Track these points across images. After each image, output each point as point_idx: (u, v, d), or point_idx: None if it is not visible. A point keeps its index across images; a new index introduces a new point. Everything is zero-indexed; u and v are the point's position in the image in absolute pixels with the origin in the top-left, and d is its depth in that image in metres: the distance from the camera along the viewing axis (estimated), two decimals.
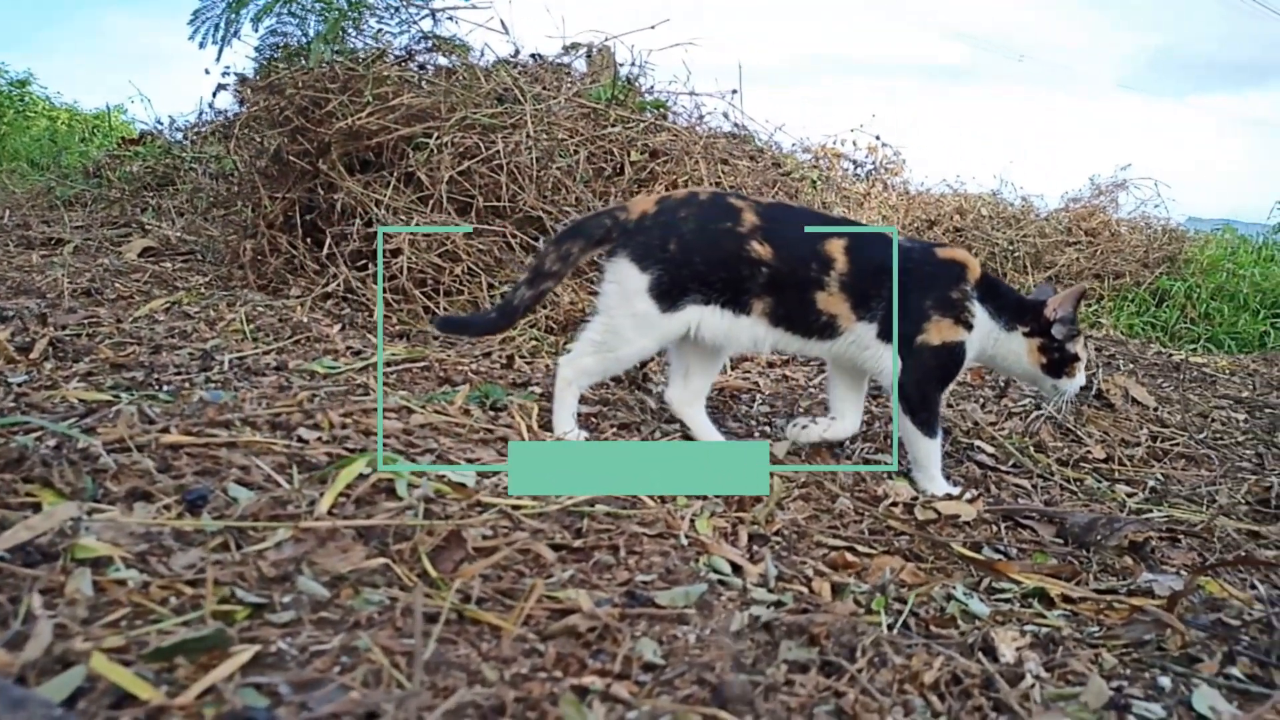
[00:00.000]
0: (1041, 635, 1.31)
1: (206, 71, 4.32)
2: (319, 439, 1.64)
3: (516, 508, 1.45)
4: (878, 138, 6.14)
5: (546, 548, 1.28)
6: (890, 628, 1.28)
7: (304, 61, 3.93)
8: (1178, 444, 2.58)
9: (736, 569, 1.42)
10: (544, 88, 4.24)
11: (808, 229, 2.05)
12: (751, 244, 2.00)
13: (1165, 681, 1.19)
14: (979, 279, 2.06)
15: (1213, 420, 2.93)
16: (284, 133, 3.78)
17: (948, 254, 2.09)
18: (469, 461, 1.65)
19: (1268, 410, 3.15)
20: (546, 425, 2.01)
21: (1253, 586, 1.57)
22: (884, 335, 2.03)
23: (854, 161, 6.23)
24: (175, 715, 0.81)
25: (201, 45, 4.20)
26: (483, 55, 4.05)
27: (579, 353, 2.09)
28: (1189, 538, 1.92)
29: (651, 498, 1.67)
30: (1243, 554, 1.81)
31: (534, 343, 3.13)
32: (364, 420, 1.75)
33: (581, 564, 1.31)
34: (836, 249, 2.02)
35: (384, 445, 1.65)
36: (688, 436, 2.15)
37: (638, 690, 0.99)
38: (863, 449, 2.31)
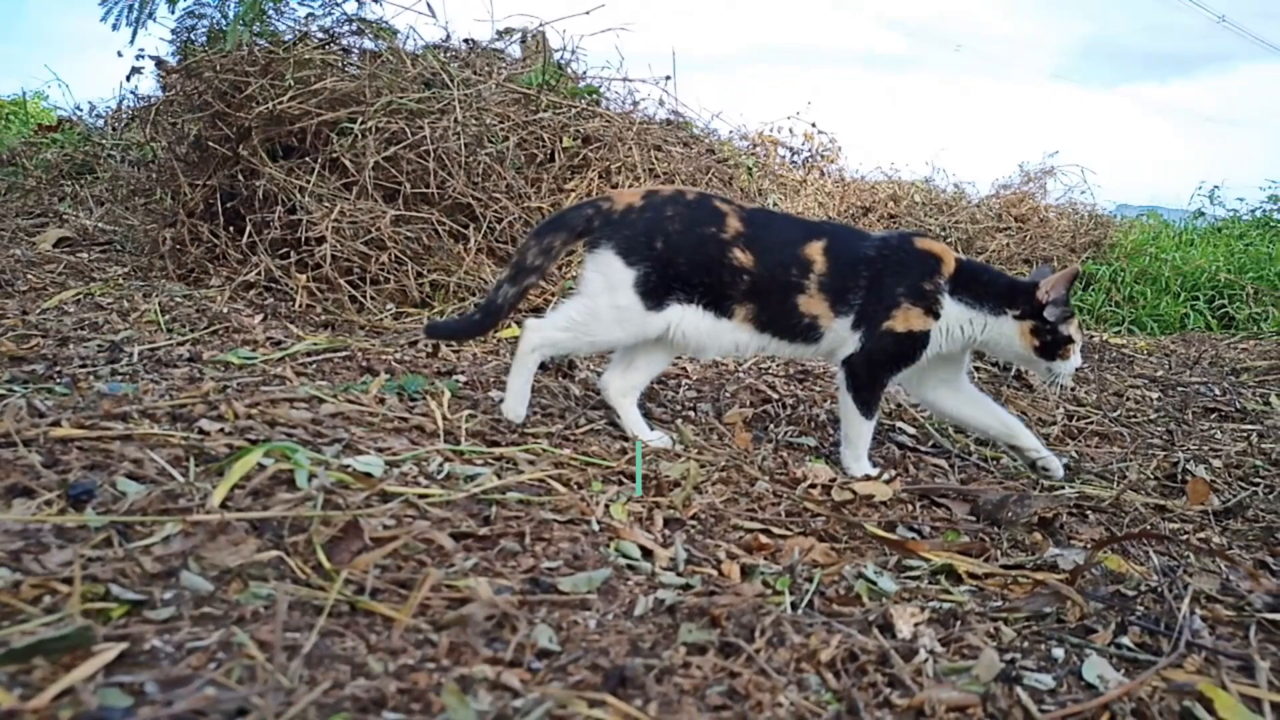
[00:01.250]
0: (943, 611, 1.33)
1: (119, 54, 4.15)
2: (221, 430, 1.59)
3: (423, 496, 1.42)
4: (814, 125, 6.19)
5: (447, 536, 1.25)
6: (794, 607, 1.28)
7: (223, 44, 3.81)
8: (1092, 422, 2.65)
9: (647, 553, 1.42)
10: (475, 73, 4.18)
11: (788, 234, 2.07)
12: (734, 251, 2.01)
13: (1059, 652, 1.21)
14: (954, 271, 2.05)
15: (1127, 399, 3.01)
16: (203, 118, 3.67)
17: (925, 245, 2.09)
18: (379, 451, 1.62)
19: (1180, 389, 3.25)
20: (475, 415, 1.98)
21: (1148, 559, 1.60)
22: (857, 325, 2.05)
23: (790, 149, 6.27)
24: (28, 718, 0.77)
25: (115, 27, 4.04)
26: (408, 39, 3.96)
27: (552, 324, 2.06)
28: (1097, 513, 1.97)
29: (566, 484, 1.66)
30: (1142, 529, 1.87)
31: None
32: (270, 411, 1.71)
33: (486, 552, 1.30)
34: (816, 251, 2.03)
35: (290, 436, 1.61)
36: (614, 424, 2.14)
37: (530, 678, 0.97)
38: (787, 431, 2.32)
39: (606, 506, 1.57)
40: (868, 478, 1.99)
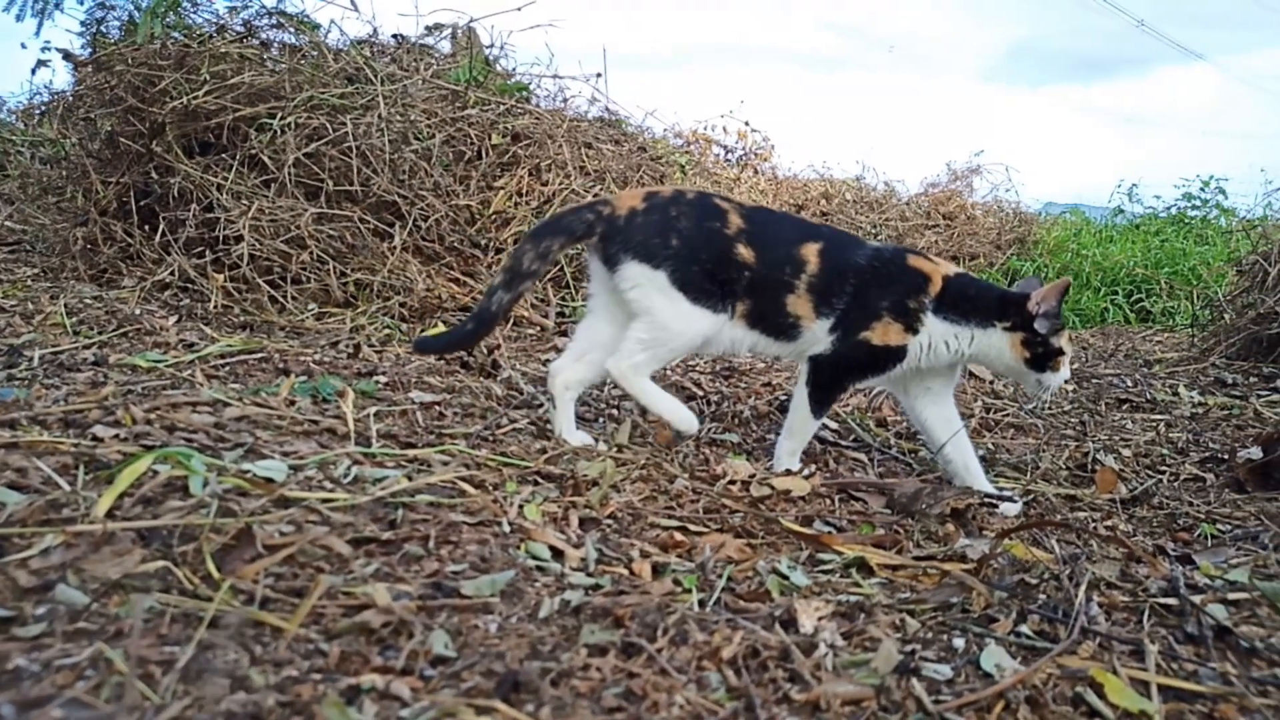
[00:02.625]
0: (851, 604, 1.34)
1: (23, 46, 3.97)
2: (116, 437, 1.53)
3: (326, 501, 1.38)
4: (747, 123, 6.23)
5: (344, 542, 1.22)
6: (702, 605, 1.28)
7: (135, 36, 3.68)
8: (1009, 414, 2.71)
9: (558, 554, 1.40)
10: (402, 69, 4.11)
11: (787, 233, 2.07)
12: (738, 247, 2.01)
13: (960, 642, 1.23)
14: (941, 289, 2.04)
15: None
16: (116, 113, 3.55)
17: (916, 263, 2.08)
18: (284, 455, 1.57)
19: (1095, 381, 3.34)
20: (382, 415, 1.94)
21: (1049, 549, 1.64)
22: (835, 329, 2.05)
23: (725, 147, 6.31)
24: None
25: (19, 18, 3.87)
26: (329, 32, 3.88)
27: (628, 352, 2.02)
28: (1012, 503, 2.01)
29: (480, 485, 1.63)
30: (1043, 517, 1.91)
31: (386, 331, 3.04)
32: (170, 416, 1.65)
33: (389, 557, 1.27)
34: (811, 252, 2.03)
35: (190, 441, 1.56)
36: (535, 424, 2.12)
37: (421, 686, 0.95)
38: (711, 428, 2.33)
39: (521, 508, 1.55)
40: (789, 472, 2.00)
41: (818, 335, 2.05)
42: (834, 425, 2.45)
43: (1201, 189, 7.80)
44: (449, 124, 3.87)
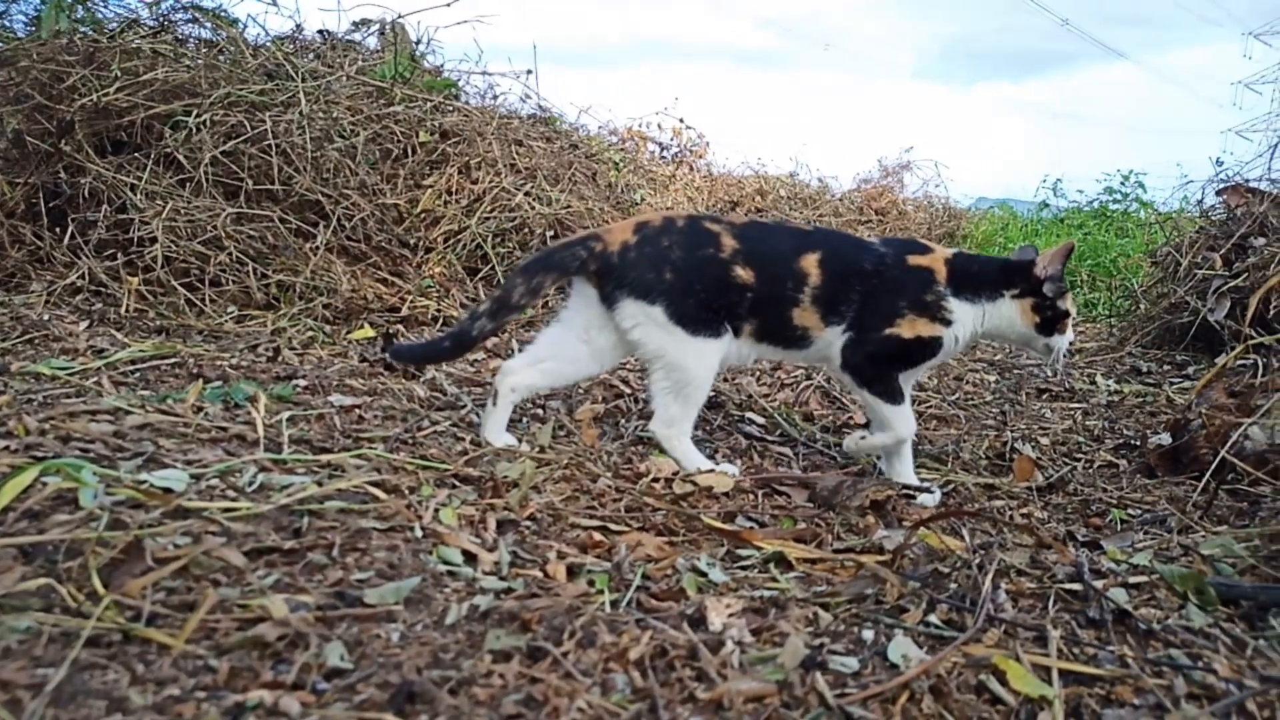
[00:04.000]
0: (765, 599, 1.34)
1: None
2: (6, 449, 1.46)
3: (228, 511, 1.34)
4: (681, 120, 6.25)
5: (241, 553, 1.18)
6: (615, 605, 1.27)
7: (40, 31, 3.54)
8: (931, 406, 2.75)
9: (471, 558, 1.38)
10: (327, 66, 4.02)
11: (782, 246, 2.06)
12: (735, 269, 2.00)
13: (869, 634, 1.24)
14: (948, 275, 2.05)
15: (966, 383, 3.15)
16: (22, 111, 3.40)
17: (916, 261, 2.08)
18: (187, 464, 1.52)
19: (1016, 372, 3.42)
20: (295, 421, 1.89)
21: (961, 537, 1.67)
22: (849, 330, 2.05)
23: (660, 144, 6.31)
24: None
25: None
26: (246, 27, 3.78)
27: (662, 407, 2.03)
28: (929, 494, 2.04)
29: (395, 490, 1.60)
30: (955, 507, 1.95)
31: (310, 334, 2.97)
32: (67, 425, 1.58)
33: (290, 567, 1.23)
34: (811, 263, 2.02)
35: (86, 452, 1.50)
36: (456, 426, 2.08)
37: (312, 700, 0.92)
38: (638, 426, 2.32)
39: (436, 512, 1.52)
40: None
41: (829, 340, 2.06)
42: (760, 420, 2.46)
43: (1122, 183, 8.08)
44: (374, 121, 3.79)
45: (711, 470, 1.99)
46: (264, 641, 1.02)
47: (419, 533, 1.42)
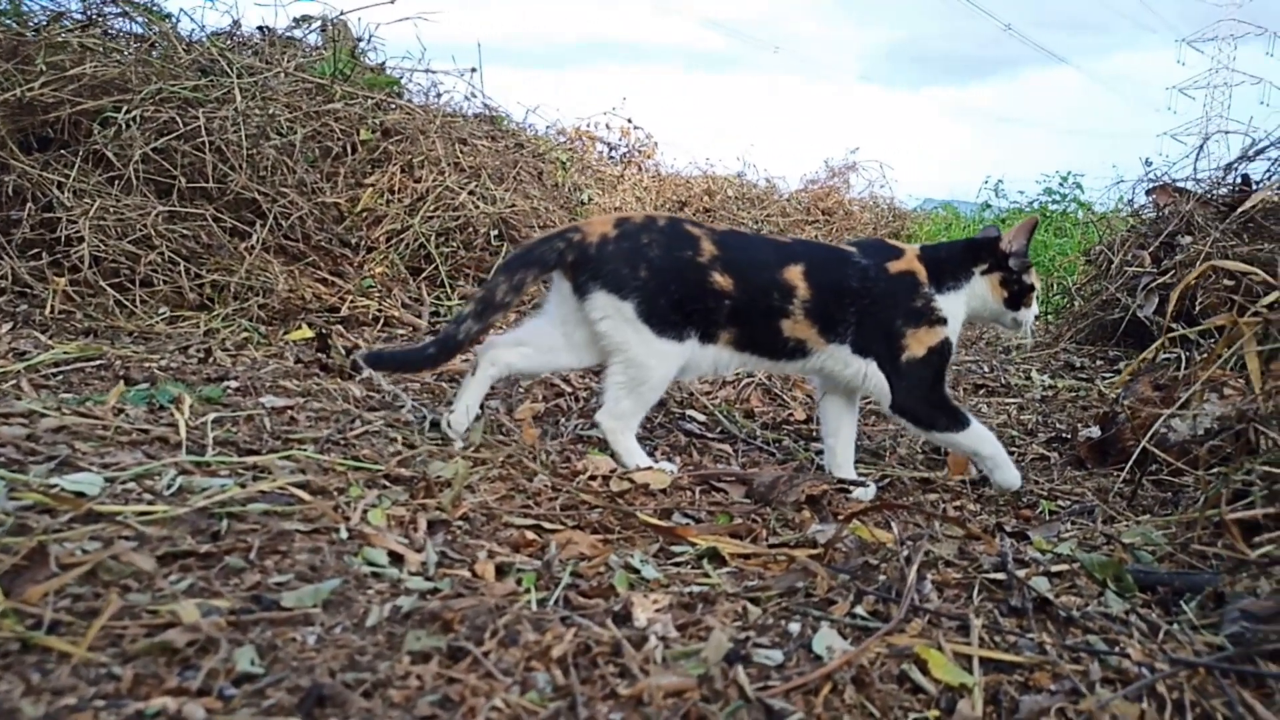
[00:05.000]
0: (695, 595, 1.34)
1: None
2: None
3: (143, 515, 1.30)
4: (629, 121, 6.25)
5: (150, 557, 1.15)
6: (543, 604, 1.26)
7: None
8: (871, 401, 2.78)
9: (398, 559, 1.36)
10: (266, 62, 3.94)
11: (763, 257, 2.05)
12: (713, 275, 1.98)
13: (795, 627, 1.24)
14: (928, 273, 2.08)
15: None
16: None
17: (897, 267, 2.09)
18: (104, 467, 1.47)
19: (954, 367, 3.48)
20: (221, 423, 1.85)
21: (902, 530, 1.69)
22: (860, 352, 2.06)
23: (608, 144, 6.30)
24: None
25: None
26: (178, 21, 3.69)
27: (613, 400, 2.02)
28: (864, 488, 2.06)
29: (322, 491, 1.57)
30: (893, 501, 1.97)
31: (245, 335, 2.91)
32: None
33: (206, 570, 1.20)
34: (796, 275, 2.02)
35: None
36: (390, 426, 2.05)
37: (219, 706, 0.90)
38: (578, 425, 2.31)
39: (364, 513, 1.50)
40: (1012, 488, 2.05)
41: (834, 354, 2.07)
42: (701, 418, 2.47)
43: (1061, 184, 8.29)
44: (313, 119, 3.73)
45: (650, 468, 1.99)
46: (172, 647, 0.99)
47: (344, 534, 1.40)
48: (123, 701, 0.89)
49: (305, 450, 1.77)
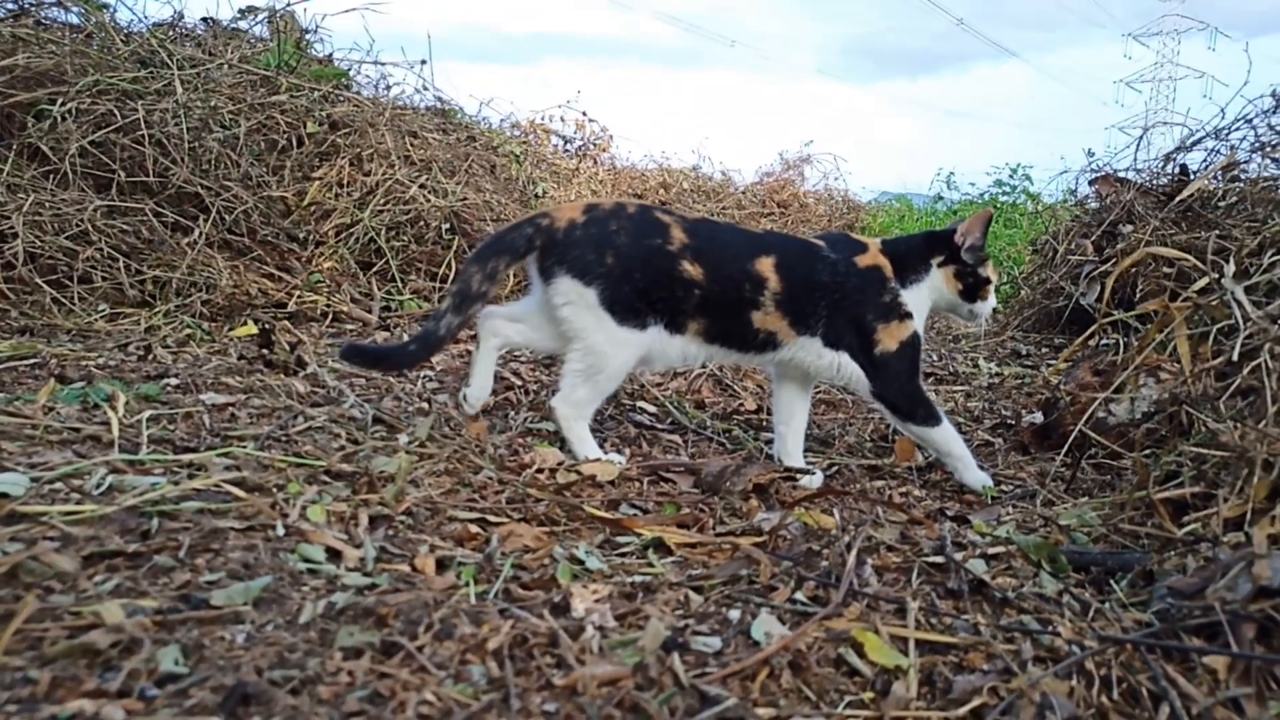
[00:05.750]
0: (637, 584, 1.34)
1: None
2: None
3: (70, 514, 1.27)
4: (584, 114, 6.22)
5: (74, 558, 1.12)
6: (482, 597, 1.25)
7: None
8: (820, 391, 2.80)
9: (335, 555, 1.34)
10: (207, 53, 3.86)
11: (735, 247, 2.04)
12: (683, 264, 1.97)
13: (735, 614, 1.25)
14: (893, 268, 2.10)
15: None
16: None
17: (865, 261, 2.10)
18: (30, 467, 1.43)
19: None
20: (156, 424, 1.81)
21: (847, 516, 1.70)
22: (832, 345, 2.07)
23: (563, 138, 6.27)
24: None
25: None
26: (115, 10, 3.60)
27: (569, 387, 2.01)
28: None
29: (260, 488, 1.54)
30: (841, 488, 1.99)
31: (187, 331, 2.85)
32: None
33: (134, 570, 1.17)
34: (767, 267, 2.01)
35: None
36: (335, 421, 2.02)
37: (140, 708, 0.88)
38: (527, 418, 2.30)
39: (303, 509, 1.47)
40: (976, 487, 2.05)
41: (805, 346, 2.08)
42: (652, 409, 2.47)
43: (1011, 176, 8.43)
44: (258, 111, 3.66)
45: (599, 459, 1.99)
46: (94, 649, 0.97)
47: (281, 531, 1.37)
48: (37, 705, 0.87)
49: (245, 447, 1.74)
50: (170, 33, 3.94)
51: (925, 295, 2.15)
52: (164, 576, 1.17)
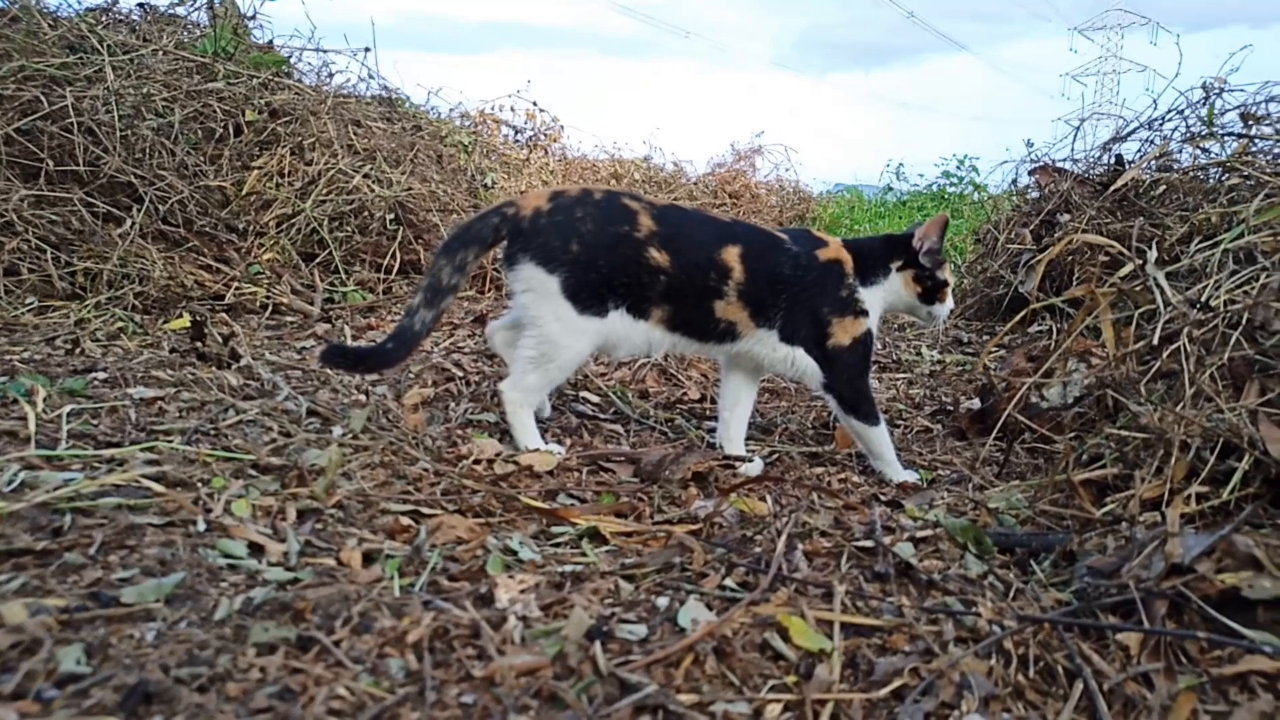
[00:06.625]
0: (567, 574, 1.33)
1: None
2: None
3: None
4: (535, 104, 6.17)
5: None
6: (408, 589, 1.23)
7: None
8: (765, 380, 2.82)
9: (258, 550, 1.31)
10: (141, 39, 3.76)
11: (702, 235, 2.03)
12: (649, 250, 1.96)
13: (663, 601, 1.25)
14: (854, 264, 2.11)
15: None
16: None
17: (826, 255, 2.11)
18: None
19: None
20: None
21: (776, 504, 1.71)
22: (787, 339, 2.07)
23: (514, 128, 6.22)
24: None
25: None
26: None
27: (519, 373, 2.00)
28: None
29: (184, 483, 1.50)
30: (781, 475, 2.00)
31: (119, 324, 2.77)
32: None
33: (42, 569, 1.13)
34: (733, 257, 2.01)
35: None
36: (267, 415, 1.98)
37: (35, 710, 0.85)
38: (468, 409, 2.27)
39: (228, 504, 1.44)
40: (905, 483, 2.04)
41: (762, 339, 2.08)
42: (595, 399, 2.46)
43: (958, 167, 8.55)
44: (194, 98, 3.58)
45: (538, 449, 1.98)
46: None
47: (202, 527, 1.34)
48: None
49: (170, 442, 1.70)
50: (102, 18, 3.83)
51: (881, 297, 2.17)
52: (74, 574, 1.14)
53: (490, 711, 0.94)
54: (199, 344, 2.40)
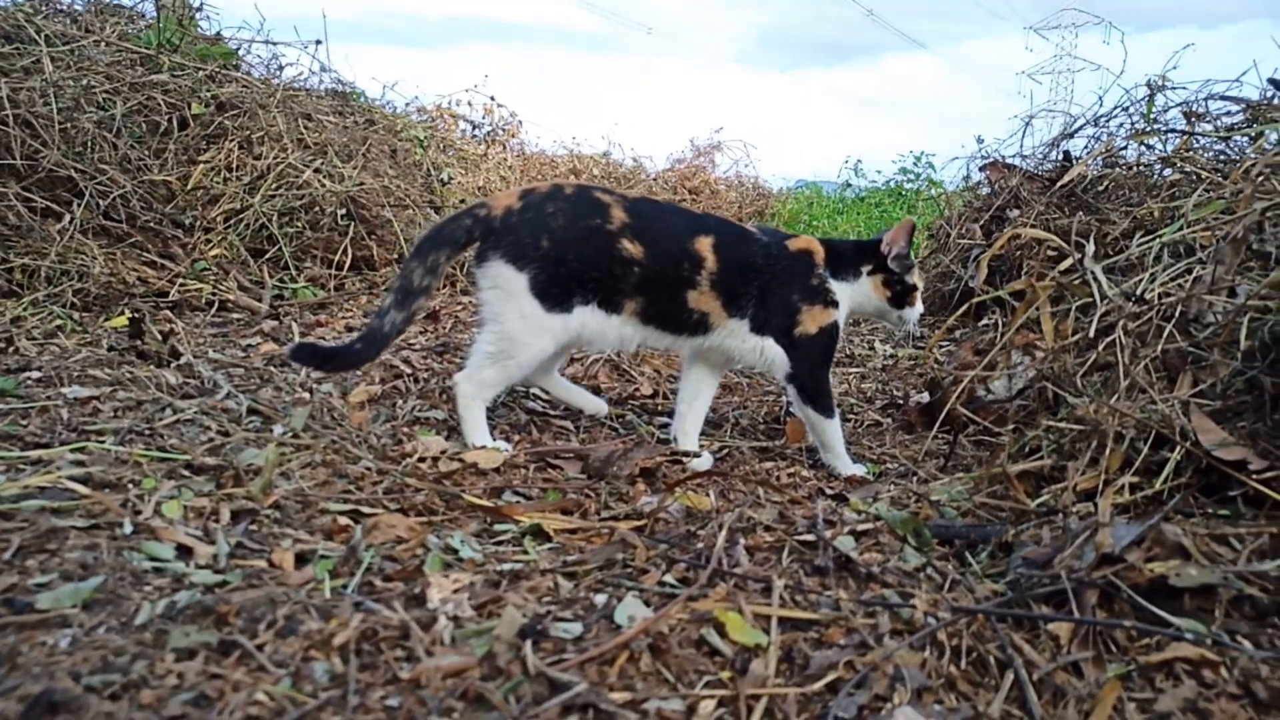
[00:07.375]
0: (506, 572, 1.32)
1: None
2: None
3: None
4: (493, 99, 6.12)
5: None
6: (341, 590, 1.21)
7: None
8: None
9: (187, 552, 1.28)
10: (85, 29, 3.66)
11: (675, 226, 2.04)
12: (622, 242, 1.95)
13: (601, 598, 1.24)
14: (825, 257, 2.12)
15: None
16: None
17: (797, 245, 2.12)
18: None
19: None
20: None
21: (722, 498, 1.71)
22: (757, 330, 2.08)
23: (471, 123, 6.16)
24: None
25: None
26: None
27: (476, 366, 1.99)
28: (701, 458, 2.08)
29: (114, 484, 1.47)
30: (729, 470, 2.00)
31: (57, 321, 2.70)
32: None
33: None
34: (705, 247, 2.01)
35: None
36: (205, 413, 1.94)
37: None
38: (416, 406, 2.25)
39: (158, 505, 1.41)
40: (854, 476, 2.05)
41: (734, 330, 2.09)
42: (545, 397, 2.44)
43: (915, 163, 8.65)
44: (138, 91, 3.49)
45: (484, 446, 1.96)
46: None
47: (129, 529, 1.31)
48: None
49: (102, 442, 1.66)
50: (41, 7, 3.73)
51: (850, 295, 2.19)
52: None
53: (414, 714, 0.92)
54: (138, 342, 2.34)
